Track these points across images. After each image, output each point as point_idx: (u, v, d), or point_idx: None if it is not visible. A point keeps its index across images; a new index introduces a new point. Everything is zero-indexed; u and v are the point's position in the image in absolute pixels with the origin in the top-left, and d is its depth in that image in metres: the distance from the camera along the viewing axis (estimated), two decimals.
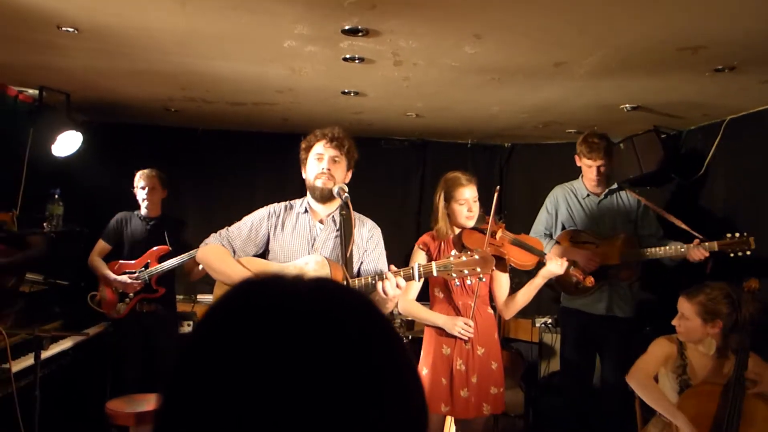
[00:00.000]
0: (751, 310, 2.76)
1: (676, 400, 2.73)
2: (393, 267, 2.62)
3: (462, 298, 3.16)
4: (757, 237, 3.40)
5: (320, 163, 2.69)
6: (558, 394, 4.23)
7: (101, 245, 4.26)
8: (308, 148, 2.75)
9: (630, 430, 3.33)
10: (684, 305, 2.81)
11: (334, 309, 0.64)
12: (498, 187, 3.33)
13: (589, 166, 3.75)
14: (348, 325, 0.63)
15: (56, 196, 4.20)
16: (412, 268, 2.58)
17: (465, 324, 3.06)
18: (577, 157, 3.80)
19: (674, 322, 2.84)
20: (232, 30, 2.63)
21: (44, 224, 4.14)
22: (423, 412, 0.66)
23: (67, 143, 4.00)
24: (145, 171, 4.26)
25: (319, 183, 2.68)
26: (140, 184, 4.23)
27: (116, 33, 2.72)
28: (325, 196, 2.68)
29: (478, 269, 2.56)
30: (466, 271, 2.56)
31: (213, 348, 0.61)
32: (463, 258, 2.57)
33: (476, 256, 2.56)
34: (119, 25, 2.62)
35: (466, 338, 3.08)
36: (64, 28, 2.67)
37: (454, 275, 2.59)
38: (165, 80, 3.62)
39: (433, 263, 2.59)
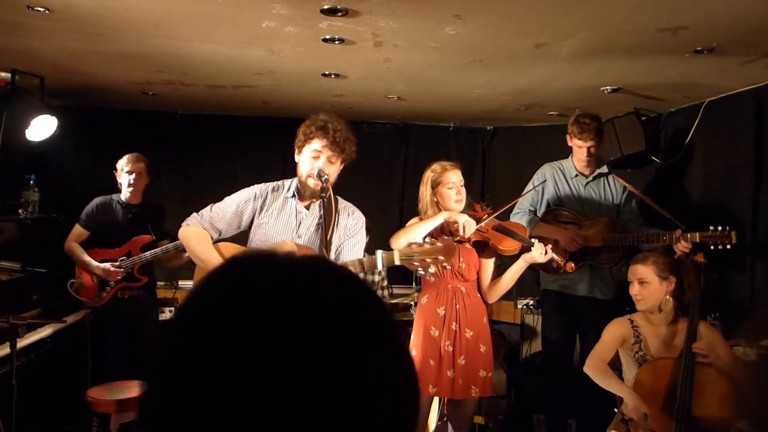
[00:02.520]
0: (696, 278, 2.90)
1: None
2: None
3: (452, 281, 3.20)
4: (733, 217, 3.44)
5: (315, 161, 2.61)
6: (539, 375, 4.27)
7: (78, 231, 4.09)
8: (307, 140, 2.63)
9: (609, 409, 3.37)
10: (640, 270, 2.88)
11: (329, 285, 0.63)
12: None
13: (579, 147, 3.76)
14: (343, 301, 0.62)
15: (31, 182, 4.13)
16: (374, 256, 2.54)
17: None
18: (568, 137, 3.80)
19: (633, 292, 2.89)
20: (208, 10, 2.58)
21: (20, 211, 4.07)
22: (414, 388, 0.65)
23: (41, 128, 3.91)
24: (132, 156, 4.11)
25: (311, 182, 2.62)
26: (126, 168, 4.08)
27: (90, 13, 2.66)
28: (315, 195, 2.62)
29: (441, 257, 2.49)
30: (428, 260, 2.50)
31: (204, 326, 0.59)
32: (426, 246, 2.50)
33: (439, 244, 2.49)
34: (92, 5, 2.56)
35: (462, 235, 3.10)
36: (35, 8, 2.60)
37: (417, 263, 2.52)
38: (141, 63, 3.56)
39: (396, 252, 2.54)
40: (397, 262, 2.55)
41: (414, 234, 3.02)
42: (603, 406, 3.60)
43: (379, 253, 2.54)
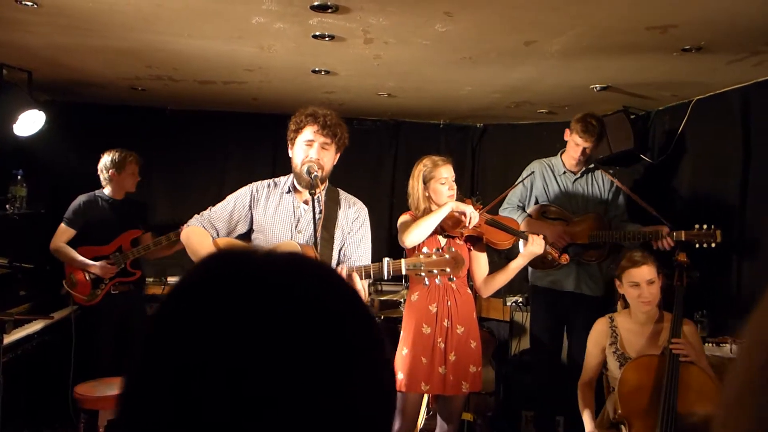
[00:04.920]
0: (679, 277, 2.94)
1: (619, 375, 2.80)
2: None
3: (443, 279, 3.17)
4: (721, 215, 3.47)
5: (309, 149, 2.61)
6: (528, 371, 4.29)
7: (65, 230, 4.00)
8: (298, 130, 2.63)
9: (597, 407, 3.39)
10: (648, 271, 2.83)
11: (305, 282, 0.64)
12: None
13: (577, 144, 3.74)
14: (318, 297, 0.63)
15: (19, 177, 4.10)
16: (380, 265, 2.54)
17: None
18: (567, 131, 3.79)
19: (644, 295, 2.82)
20: (198, 5, 2.57)
21: (7, 206, 4.04)
22: (391, 386, 0.66)
23: (29, 123, 3.88)
24: (136, 157, 4.14)
25: (305, 171, 2.59)
26: (134, 170, 4.12)
27: (78, 7, 2.64)
28: (309, 186, 2.60)
29: (448, 269, 2.51)
30: (435, 271, 2.52)
31: (181, 321, 0.60)
32: (433, 257, 2.52)
33: (447, 256, 2.51)
34: None
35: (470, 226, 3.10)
36: (23, 2, 2.58)
37: (423, 274, 2.55)
38: (130, 58, 3.54)
39: (403, 261, 2.55)
40: (404, 271, 2.56)
41: (425, 227, 3.02)
42: None
43: (386, 261, 2.53)
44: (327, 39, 2.91)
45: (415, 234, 3.02)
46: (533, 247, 3.17)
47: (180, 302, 0.62)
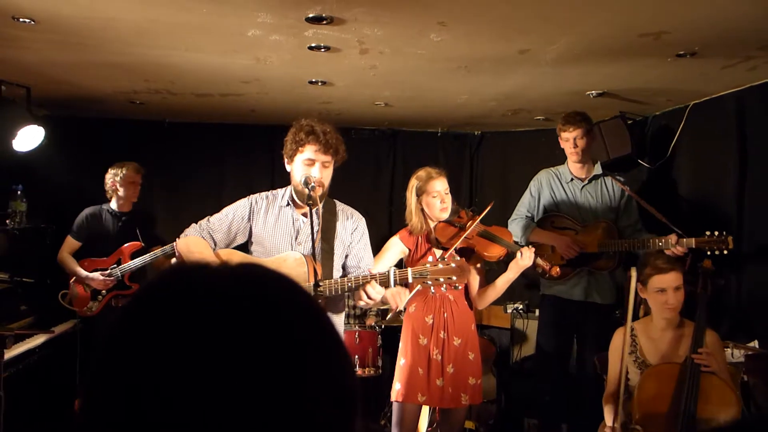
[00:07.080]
0: (704, 284, 2.90)
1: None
2: (370, 270, 2.60)
3: (440, 290, 3.18)
4: (719, 219, 3.47)
5: (310, 168, 2.57)
6: (529, 378, 4.28)
7: (70, 242, 4.12)
8: (298, 148, 2.59)
9: (602, 414, 3.37)
10: (676, 277, 2.77)
11: (256, 292, 0.65)
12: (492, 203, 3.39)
13: (566, 140, 3.71)
14: (271, 307, 0.63)
15: (19, 192, 4.12)
16: (388, 273, 2.55)
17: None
18: (559, 139, 3.80)
19: (671, 301, 2.75)
20: (193, 20, 2.58)
21: (7, 221, 4.06)
22: (351, 387, 0.67)
23: (28, 138, 3.90)
24: (135, 165, 4.18)
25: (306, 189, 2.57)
26: (135, 179, 4.17)
27: (75, 24, 2.66)
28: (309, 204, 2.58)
29: (454, 278, 2.54)
30: (441, 279, 2.55)
31: (135, 336, 0.61)
32: (440, 266, 2.55)
33: (453, 265, 2.54)
34: (77, 16, 2.56)
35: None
36: (20, 20, 2.61)
37: (430, 283, 2.58)
38: (128, 72, 3.56)
39: (409, 270, 2.57)
40: (410, 280, 2.58)
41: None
42: (595, 410, 3.62)
43: (392, 270, 2.54)
44: (323, 50, 2.93)
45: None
46: (522, 260, 3.15)
47: (134, 317, 0.63)
